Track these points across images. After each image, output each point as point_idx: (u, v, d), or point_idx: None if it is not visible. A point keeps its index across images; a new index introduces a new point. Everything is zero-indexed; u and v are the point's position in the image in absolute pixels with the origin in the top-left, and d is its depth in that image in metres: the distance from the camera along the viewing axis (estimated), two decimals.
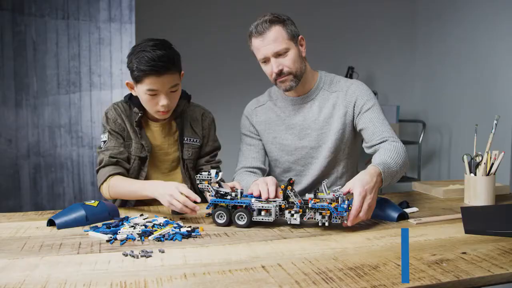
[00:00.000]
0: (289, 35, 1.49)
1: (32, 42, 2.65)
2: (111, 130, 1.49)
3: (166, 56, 1.37)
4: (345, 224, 1.12)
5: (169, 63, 1.37)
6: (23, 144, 2.67)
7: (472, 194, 1.42)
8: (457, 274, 0.82)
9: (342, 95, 1.55)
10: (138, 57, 1.37)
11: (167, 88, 1.40)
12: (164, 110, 1.42)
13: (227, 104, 3.04)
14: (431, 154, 3.82)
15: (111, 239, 1.05)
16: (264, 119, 1.64)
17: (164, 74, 1.37)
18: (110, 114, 1.51)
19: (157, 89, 1.38)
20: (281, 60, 1.47)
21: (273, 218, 1.16)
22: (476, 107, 3.29)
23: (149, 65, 1.34)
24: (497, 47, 3.11)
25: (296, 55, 1.50)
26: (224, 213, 1.19)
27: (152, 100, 1.41)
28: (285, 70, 1.47)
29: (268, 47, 1.46)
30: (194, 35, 3.38)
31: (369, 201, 1.13)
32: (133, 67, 1.38)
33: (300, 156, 1.59)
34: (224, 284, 0.78)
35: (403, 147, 1.42)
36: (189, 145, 1.56)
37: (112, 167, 1.44)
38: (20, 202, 2.68)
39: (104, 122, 1.51)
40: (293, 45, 1.50)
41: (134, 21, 2.78)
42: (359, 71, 3.62)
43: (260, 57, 1.50)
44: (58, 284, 0.78)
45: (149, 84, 1.38)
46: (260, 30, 1.47)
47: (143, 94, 1.41)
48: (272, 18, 1.49)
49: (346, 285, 0.78)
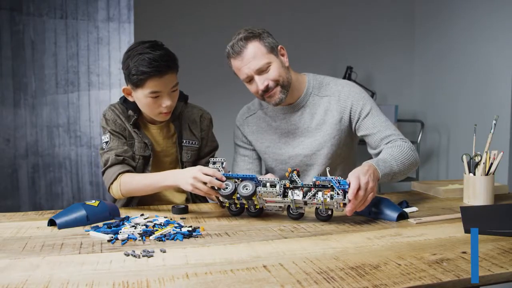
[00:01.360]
0: (267, 49, 1.43)
1: (30, 41, 2.64)
2: (112, 130, 1.47)
3: (166, 56, 1.36)
4: (348, 210, 1.14)
5: (170, 62, 1.36)
6: (22, 144, 2.66)
7: (472, 194, 1.43)
8: (457, 274, 0.83)
9: (334, 100, 1.52)
10: (137, 60, 1.33)
11: (169, 88, 1.39)
12: (167, 111, 1.41)
13: (225, 104, 3.04)
14: (430, 154, 3.83)
15: (112, 239, 1.05)
16: (256, 129, 1.62)
17: (166, 74, 1.36)
18: (109, 115, 1.49)
19: (159, 91, 1.37)
20: (265, 76, 1.42)
21: (278, 191, 1.17)
22: (474, 107, 3.30)
23: (152, 66, 1.32)
24: (495, 47, 3.12)
25: (279, 67, 1.44)
26: (230, 183, 1.20)
27: (155, 103, 1.39)
28: (271, 84, 1.43)
29: (248, 66, 1.41)
30: (193, 34, 3.38)
31: (364, 181, 1.15)
32: (132, 71, 1.34)
33: (294, 165, 1.57)
34: (226, 284, 0.79)
35: (408, 144, 1.43)
36: (188, 148, 1.55)
37: (120, 166, 1.42)
38: (18, 201, 2.67)
39: (103, 124, 1.49)
40: (274, 57, 1.44)
41: (133, 20, 2.77)
42: (357, 71, 3.62)
43: (243, 77, 1.45)
44: (60, 284, 0.78)
45: (151, 87, 1.35)
46: (237, 49, 1.41)
47: (145, 98, 1.38)
48: (246, 34, 1.42)
49: (348, 284, 0.78)
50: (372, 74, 3.87)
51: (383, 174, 1.29)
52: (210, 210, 1.40)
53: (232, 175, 1.22)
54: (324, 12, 3.71)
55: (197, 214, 1.34)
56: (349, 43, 3.79)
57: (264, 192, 1.18)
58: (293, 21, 3.54)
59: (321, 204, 1.17)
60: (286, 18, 3.50)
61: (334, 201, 1.15)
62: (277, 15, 3.47)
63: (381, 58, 3.89)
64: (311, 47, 3.56)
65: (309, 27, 3.65)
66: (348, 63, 3.61)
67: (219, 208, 1.39)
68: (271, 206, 1.22)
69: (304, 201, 1.18)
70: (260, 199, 1.20)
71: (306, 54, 3.46)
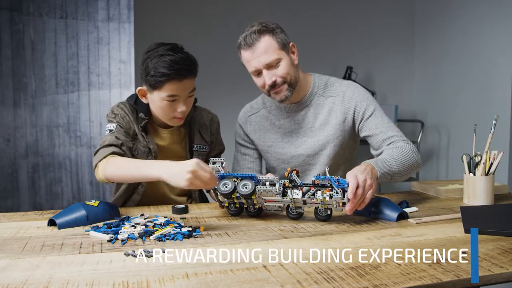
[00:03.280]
0: (279, 45, 1.42)
1: (30, 41, 2.64)
2: (119, 124, 1.42)
3: (187, 59, 1.32)
4: (348, 209, 1.14)
5: (191, 66, 1.33)
6: (21, 144, 2.67)
7: (472, 194, 1.43)
8: (457, 274, 0.83)
9: (338, 101, 1.52)
10: (157, 61, 1.29)
11: (187, 93, 1.36)
12: (182, 116, 1.38)
13: (227, 104, 3.04)
14: (430, 154, 3.83)
15: (112, 239, 1.05)
16: (258, 128, 1.61)
17: (185, 78, 1.32)
18: (118, 111, 1.44)
19: (177, 95, 1.33)
20: (274, 71, 1.42)
21: (277, 191, 1.17)
22: (474, 107, 3.30)
23: (172, 68, 1.28)
24: (495, 47, 3.12)
25: (288, 64, 1.44)
26: (229, 182, 1.20)
27: (170, 107, 1.35)
28: (278, 81, 1.43)
29: (259, 59, 1.41)
30: (193, 34, 3.38)
31: (362, 179, 1.15)
32: (152, 72, 1.30)
33: (297, 164, 1.57)
34: (226, 284, 0.79)
35: (410, 146, 1.43)
36: (198, 152, 1.53)
37: (116, 148, 1.33)
38: (18, 201, 2.67)
39: (110, 117, 1.43)
40: (285, 54, 1.44)
41: (133, 20, 2.77)
42: (357, 71, 3.62)
43: (252, 69, 1.44)
44: (60, 284, 0.78)
45: (169, 90, 1.32)
46: (249, 41, 1.41)
47: (161, 101, 1.34)
48: (260, 28, 1.41)
49: (348, 284, 0.78)
50: (372, 74, 3.87)
51: (382, 173, 1.29)
52: (210, 210, 1.40)
53: (231, 174, 1.22)
54: (324, 12, 3.71)
55: (197, 214, 1.34)
56: (349, 43, 3.79)
57: (263, 191, 1.18)
58: (293, 21, 3.54)
59: (320, 203, 1.17)
60: (286, 18, 3.49)
61: (334, 200, 1.15)
62: (277, 15, 3.47)
63: (381, 58, 3.89)
64: (311, 47, 3.56)
65: (309, 27, 3.65)
66: (348, 63, 3.62)
67: (219, 208, 1.39)
68: (271, 205, 1.21)
69: (304, 200, 1.18)
70: (260, 199, 1.20)
71: (306, 54, 3.45)
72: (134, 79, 2.78)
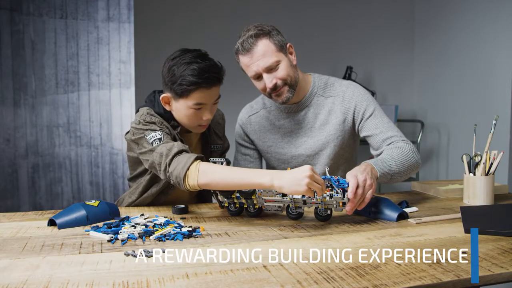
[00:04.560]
0: (277, 47, 1.42)
1: (30, 41, 2.64)
2: (163, 131, 1.34)
3: (215, 67, 1.31)
4: (348, 209, 1.14)
5: (219, 74, 1.32)
6: (22, 144, 2.67)
7: (471, 194, 1.43)
8: (457, 274, 0.83)
9: (338, 101, 1.52)
10: (185, 69, 1.26)
11: (213, 101, 1.35)
12: (206, 124, 1.37)
13: (227, 103, 3.04)
14: (430, 153, 3.83)
15: (112, 239, 1.05)
16: (258, 128, 1.62)
17: (213, 86, 1.31)
18: (153, 119, 1.35)
19: (204, 103, 1.32)
20: (274, 74, 1.42)
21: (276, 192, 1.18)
22: (474, 107, 3.30)
23: (202, 77, 1.26)
24: (495, 47, 3.12)
25: (287, 66, 1.44)
26: None
27: (196, 115, 1.33)
28: (279, 83, 1.43)
29: (258, 63, 1.41)
30: (193, 34, 3.37)
31: (362, 179, 1.16)
32: (179, 81, 1.27)
33: (297, 164, 1.57)
34: (226, 284, 0.79)
35: (410, 146, 1.43)
36: (215, 152, 1.54)
37: (191, 154, 1.24)
38: (18, 201, 2.67)
39: (149, 126, 1.34)
40: (283, 55, 1.44)
41: (133, 20, 2.77)
42: (357, 70, 3.62)
43: (251, 74, 1.44)
44: (60, 284, 0.79)
45: (197, 98, 1.30)
46: (247, 46, 1.40)
47: (187, 109, 1.32)
48: (257, 32, 1.41)
49: (348, 284, 0.78)
50: (372, 74, 3.87)
51: (382, 173, 1.29)
52: (210, 210, 1.40)
53: None
54: (324, 12, 3.71)
55: (197, 214, 1.34)
56: (349, 43, 3.79)
57: (263, 191, 1.18)
58: (293, 20, 3.54)
59: (320, 203, 1.17)
60: (286, 18, 3.49)
61: (334, 200, 1.15)
62: (277, 15, 3.47)
63: (381, 58, 3.89)
64: (311, 47, 3.56)
65: (309, 27, 3.65)
66: (348, 63, 3.62)
67: (219, 208, 1.39)
68: (270, 205, 1.21)
69: (303, 200, 1.18)
70: (260, 199, 1.20)
71: (306, 54, 3.45)
72: (134, 79, 2.79)
